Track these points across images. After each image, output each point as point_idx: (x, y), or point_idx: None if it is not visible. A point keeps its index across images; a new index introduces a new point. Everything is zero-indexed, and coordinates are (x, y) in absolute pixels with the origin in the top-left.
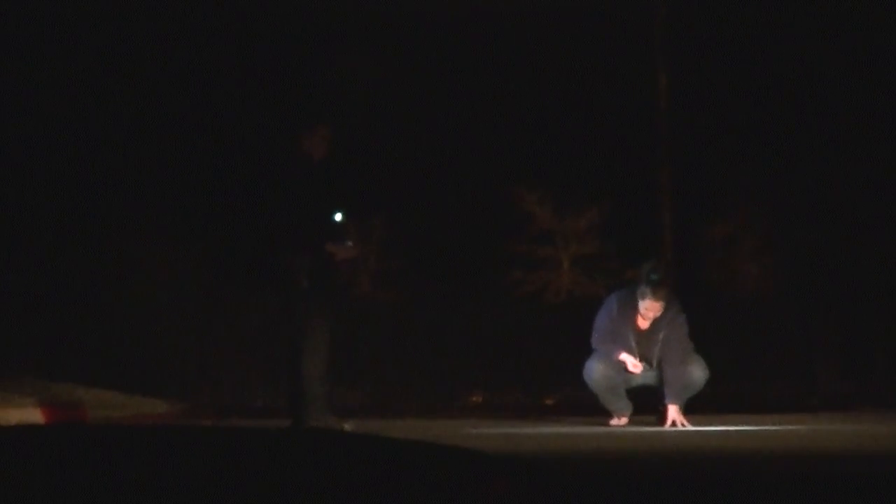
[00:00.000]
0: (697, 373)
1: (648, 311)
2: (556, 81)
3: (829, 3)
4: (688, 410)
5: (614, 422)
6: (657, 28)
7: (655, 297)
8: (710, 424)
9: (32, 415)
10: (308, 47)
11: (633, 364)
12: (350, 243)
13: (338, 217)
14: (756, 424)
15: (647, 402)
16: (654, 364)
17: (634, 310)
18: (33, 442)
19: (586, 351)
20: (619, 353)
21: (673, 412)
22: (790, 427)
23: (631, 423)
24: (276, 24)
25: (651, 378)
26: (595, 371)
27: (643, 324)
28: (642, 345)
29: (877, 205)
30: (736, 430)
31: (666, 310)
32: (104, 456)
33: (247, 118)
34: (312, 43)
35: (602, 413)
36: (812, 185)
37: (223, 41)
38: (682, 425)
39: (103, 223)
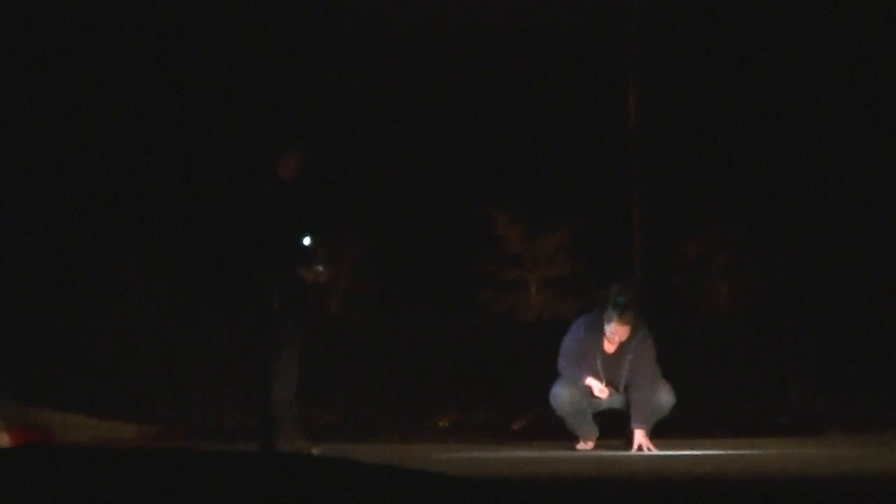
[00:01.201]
0: (664, 397)
1: (615, 334)
2: (527, 100)
3: (803, 23)
4: (654, 434)
5: (581, 446)
6: (628, 46)
7: (622, 320)
8: (677, 448)
9: (0, 437)
10: (281, 67)
11: (599, 389)
12: (320, 268)
13: (306, 241)
14: (724, 448)
15: (613, 426)
16: (621, 388)
17: (601, 333)
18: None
19: (555, 373)
20: (585, 378)
21: (639, 437)
22: (758, 451)
23: (598, 447)
24: (250, 45)
25: (618, 402)
26: (561, 395)
27: (609, 347)
28: (609, 369)
29: (850, 224)
30: (703, 455)
31: (633, 333)
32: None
33: (221, 138)
34: (286, 63)
35: (569, 437)
36: (785, 203)
37: (198, 62)
38: (649, 450)
39: (73, 245)
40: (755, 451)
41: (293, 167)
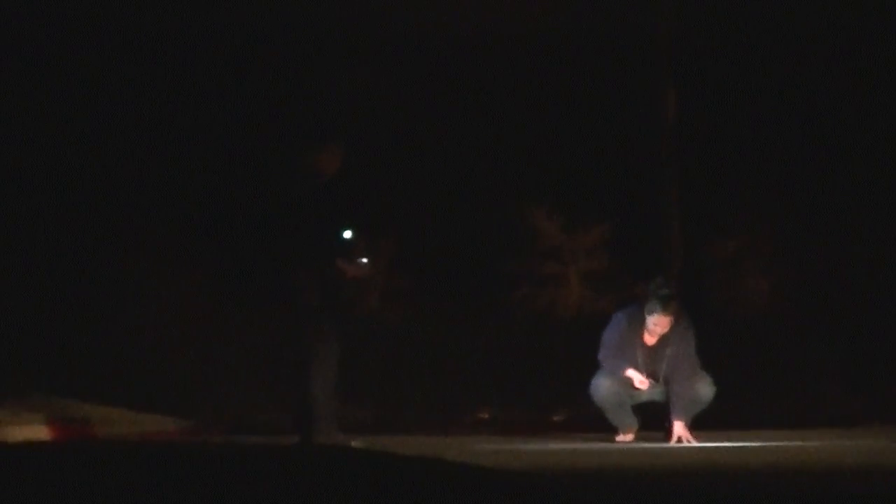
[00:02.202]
0: (704, 389)
1: (657, 326)
2: (565, 98)
3: (838, 22)
4: (694, 426)
5: (620, 438)
6: (666, 44)
7: (665, 311)
8: (717, 440)
9: (40, 432)
10: (319, 64)
11: (639, 380)
12: (364, 260)
13: (347, 234)
14: (763, 440)
15: (653, 418)
16: (661, 380)
17: (642, 326)
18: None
19: (594, 367)
20: (626, 370)
21: (679, 428)
22: (797, 443)
23: (637, 439)
24: (290, 40)
25: (658, 394)
26: (602, 387)
27: (650, 340)
28: (649, 361)
29: (884, 221)
30: (742, 447)
31: (674, 325)
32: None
33: (257, 135)
34: (324, 60)
35: (609, 429)
36: (820, 201)
37: (234, 56)
38: (689, 441)
39: (110, 239)
40: (795, 443)
41: (333, 163)
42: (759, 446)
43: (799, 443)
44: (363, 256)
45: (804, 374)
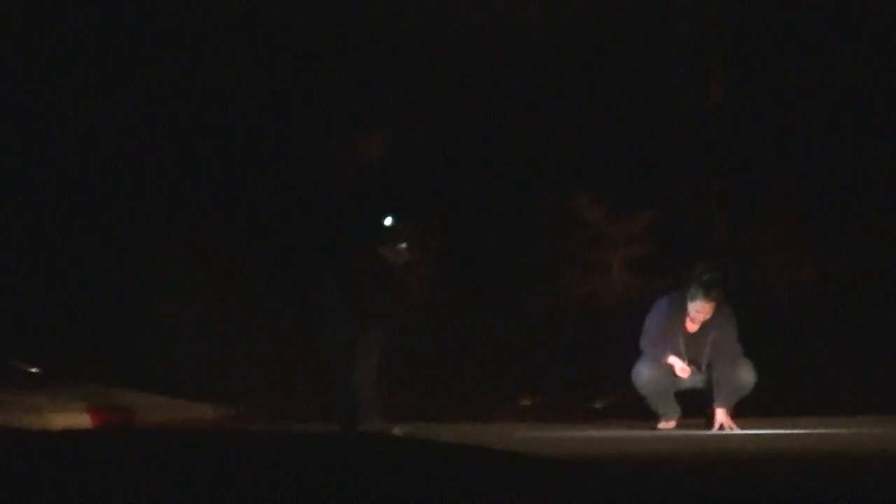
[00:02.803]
0: (746, 376)
1: (699, 312)
2: (609, 84)
3: (884, 6)
4: (736, 414)
5: (662, 425)
6: (711, 32)
7: (707, 297)
8: (759, 428)
9: (81, 419)
10: (360, 51)
11: (681, 368)
12: (404, 245)
13: (388, 221)
14: (806, 427)
15: (695, 405)
16: (703, 367)
17: (684, 313)
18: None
19: (636, 354)
20: (668, 357)
21: (721, 415)
22: (842, 430)
23: (679, 426)
24: (334, 28)
25: (699, 381)
26: (644, 374)
27: (692, 327)
28: (691, 348)
29: None
30: (785, 434)
31: (716, 312)
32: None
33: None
34: (362, 48)
35: (650, 416)
36: (865, 187)
37: (272, 44)
38: (731, 429)
39: (146, 230)
40: (840, 430)
41: (377, 148)
42: (802, 433)
43: (845, 430)
44: (402, 242)
45: (851, 360)
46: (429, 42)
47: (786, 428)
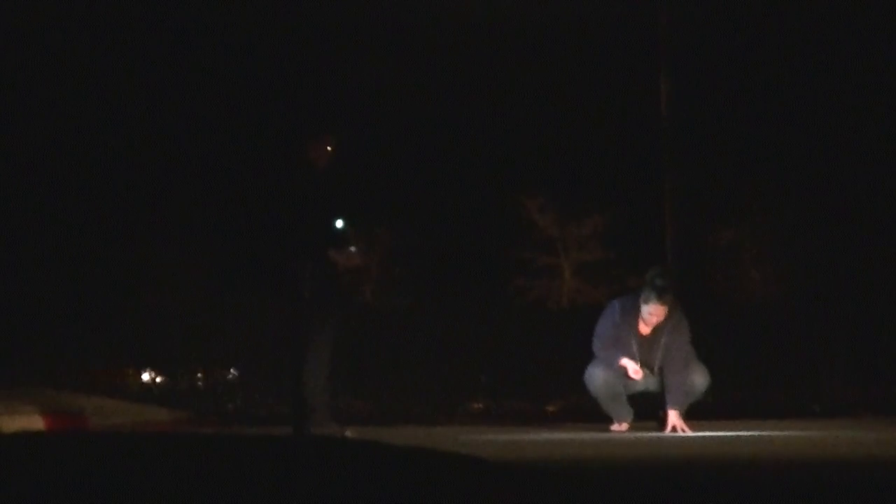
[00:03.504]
0: (699, 379)
1: (652, 315)
2: (559, 89)
3: (832, 13)
4: (688, 416)
5: (615, 427)
6: (660, 35)
7: (661, 301)
8: (711, 430)
9: (34, 422)
10: (314, 56)
11: (633, 370)
12: (353, 249)
13: (339, 224)
14: (756, 430)
15: (648, 407)
16: (656, 370)
17: (636, 316)
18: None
19: (588, 357)
20: (621, 359)
21: (674, 418)
22: (791, 433)
23: (632, 428)
24: (284, 34)
25: (652, 384)
26: (596, 377)
27: (645, 329)
28: (644, 351)
29: (882, 210)
30: (736, 436)
31: (669, 315)
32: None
33: (254, 127)
34: (318, 51)
35: (603, 419)
36: (817, 191)
37: (231, 50)
38: (683, 431)
39: (107, 233)
40: (789, 433)
41: (325, 153)
42: (752, 435)
43: (796, 433)
44: (351, 245)
45: (802, 362)
46: (382, 45)
47: (739, 430)
